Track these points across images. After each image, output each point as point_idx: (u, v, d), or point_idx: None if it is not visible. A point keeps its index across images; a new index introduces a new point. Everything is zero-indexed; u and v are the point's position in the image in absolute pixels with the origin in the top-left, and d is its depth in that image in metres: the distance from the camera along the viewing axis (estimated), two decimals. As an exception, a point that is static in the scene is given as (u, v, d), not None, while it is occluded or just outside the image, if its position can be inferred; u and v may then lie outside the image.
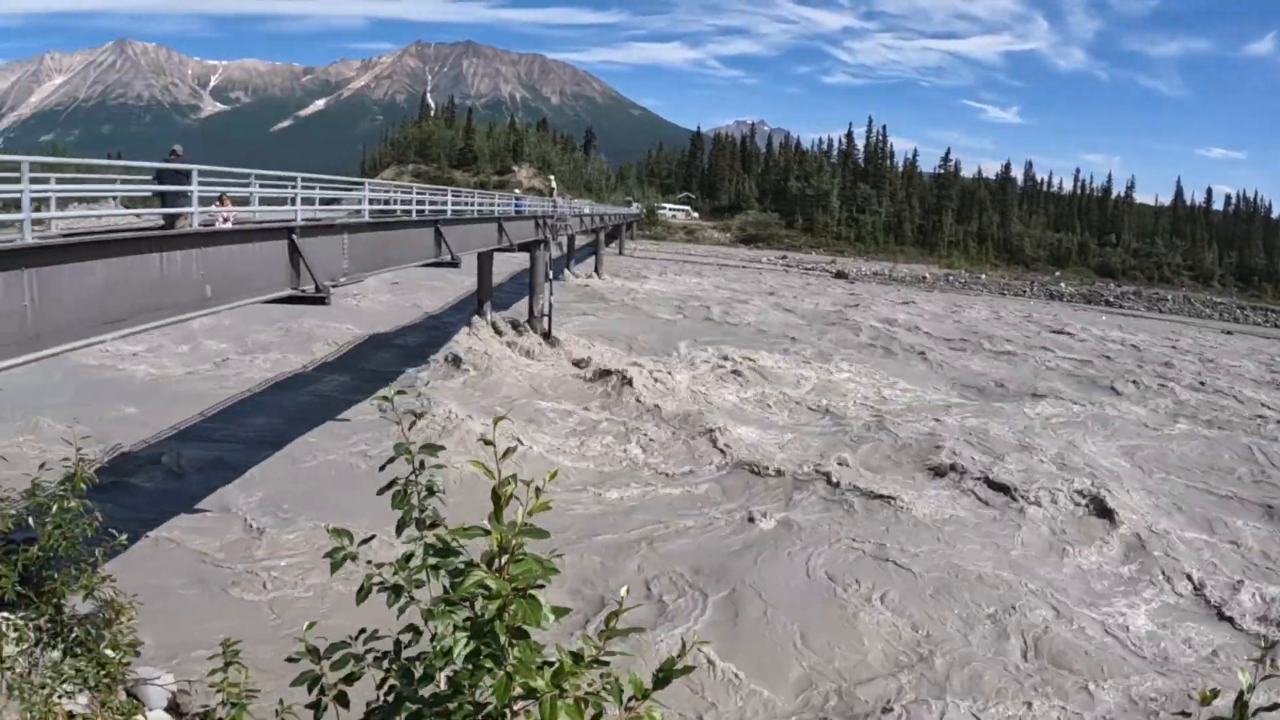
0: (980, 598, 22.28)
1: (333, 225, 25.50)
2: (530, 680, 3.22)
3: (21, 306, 13.52)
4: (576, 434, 34.05)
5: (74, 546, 7.24)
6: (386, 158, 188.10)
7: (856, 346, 63.78)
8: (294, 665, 3.99)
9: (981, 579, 23.40)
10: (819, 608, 21.51)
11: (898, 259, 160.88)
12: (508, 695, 3.21)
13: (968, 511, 28.95)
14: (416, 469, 3.85)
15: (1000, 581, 23.34)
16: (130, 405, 34.18)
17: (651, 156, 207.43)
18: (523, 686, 3.22)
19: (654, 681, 3.35)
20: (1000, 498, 30.03)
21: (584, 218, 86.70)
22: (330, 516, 23.88)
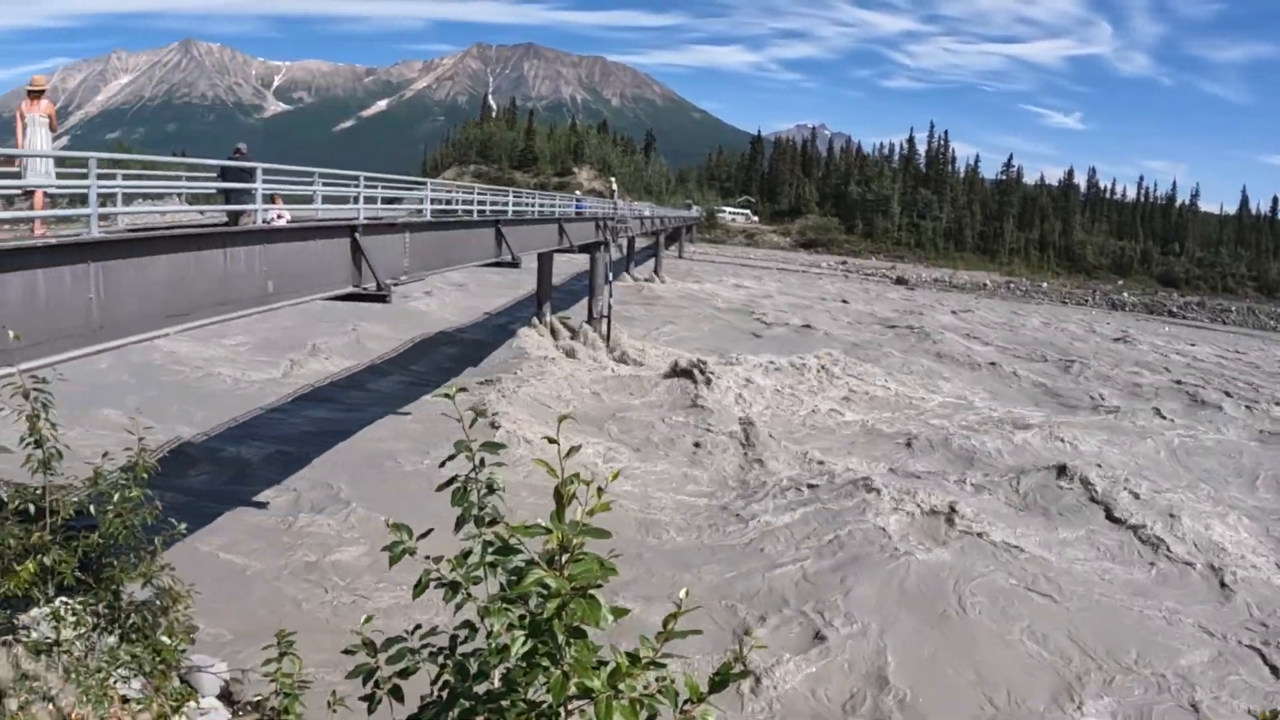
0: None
1: (394, 224, 25.63)
2: (586, 680, 3.21)
3: (86, 299, 13.70)
4: (636, 437, 33.97)
5: (134, 535, 7.31)
6: (448, 158, 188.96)
7: (930, 354, 62.57)
8: (344, 657, 3.98)
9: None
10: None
11: (958, 266, 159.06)
12: (563, 694, 3.20)
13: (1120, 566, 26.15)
14: (476, 466, 3.80)
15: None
16: (194, 398, 34.64)
17: (711, 160, 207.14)
18: (578, 686, 3.22)
19: (710, 685, 3.33)
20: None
21: (644, 220, 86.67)
22: (388, 511, 24.05)
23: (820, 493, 28.95)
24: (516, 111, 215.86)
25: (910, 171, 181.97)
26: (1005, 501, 30.46)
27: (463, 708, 3.60)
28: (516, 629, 3.33)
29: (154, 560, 7.47)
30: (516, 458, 25.94)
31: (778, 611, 21.26)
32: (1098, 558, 26.38)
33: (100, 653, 6.97)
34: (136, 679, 7.27)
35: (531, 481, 23.52)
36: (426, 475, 26.52)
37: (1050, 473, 32.19)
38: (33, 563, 6.81)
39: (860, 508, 27.50)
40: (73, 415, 28.92)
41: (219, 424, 31.51)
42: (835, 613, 21.07)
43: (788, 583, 22.78)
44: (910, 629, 20.78)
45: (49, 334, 12.97)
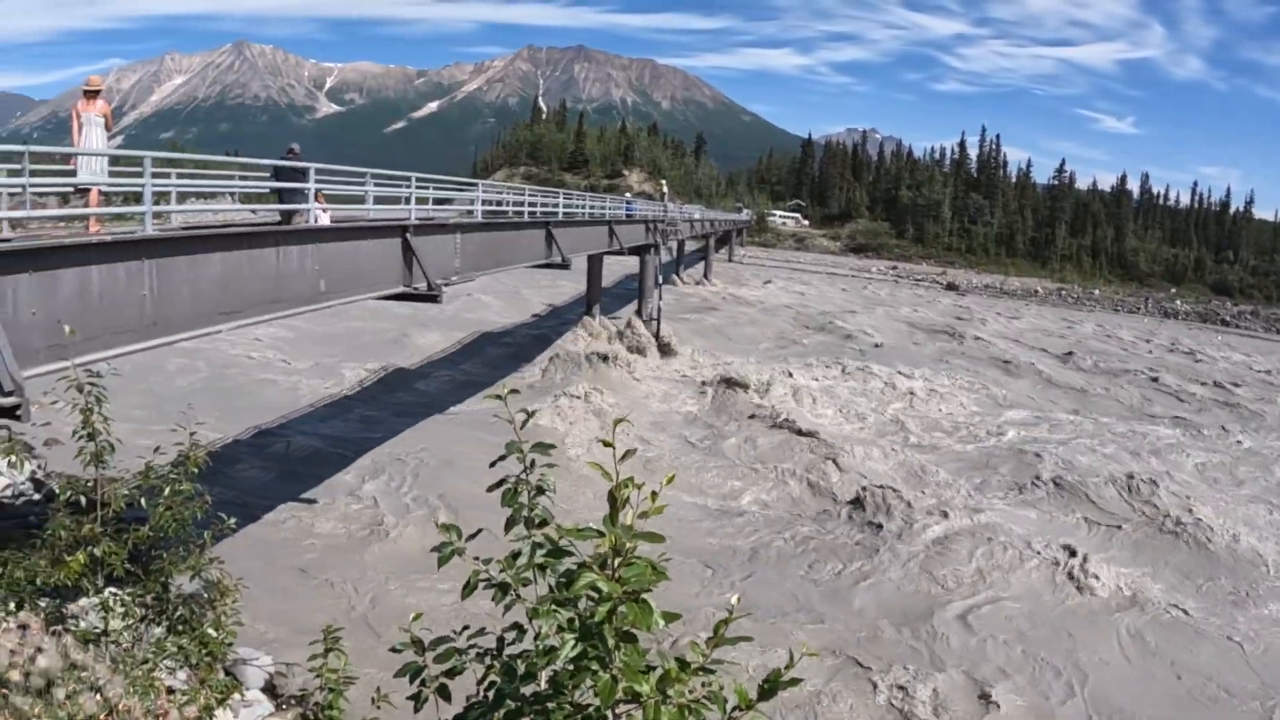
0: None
1: (446, 224, 25.72)
2: (635, 684, 3.19)
3: (140, 296, 13.83)
4: (685, 440, 33.88)
5: (183, 528, 7.36)
6: (498, 160, 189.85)
7: (989, 364, 61.23)
8: (387, 654, 3.97)
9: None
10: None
11: (1009, 272, 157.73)
12: (612, 698, 3.18)
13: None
14: (527, 467, 3.78)
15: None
16: (247, 394, 34.94)
17: (762, 163, 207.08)
18: (627, 691, 3.20)
19: (759, 693, 3.31)
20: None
21: (694, 223, 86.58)
22: (435, 510, 24.17)
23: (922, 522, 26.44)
24: (567, 114, 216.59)
25: (961, 176, 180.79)
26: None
27: (509, 709, 3.59)
28: (566, 632, 3.30)
29: (203, 554, 7.52)
30: (566, 459, 25.97)
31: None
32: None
33: (147, 644, 7.01)
34: (182, 670, 7.33)
35: (569, 489, 23.52)
36: (477, 475, 26.58)
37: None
38: (83, 554, 6.87)
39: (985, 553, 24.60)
40: (126, 406, 29.30)
41: (270, 420, 31.75)
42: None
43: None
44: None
45: (103, 329, 13.08)
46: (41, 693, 4.07)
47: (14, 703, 3.94)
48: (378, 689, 6.25)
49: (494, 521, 3.83)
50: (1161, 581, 24.58)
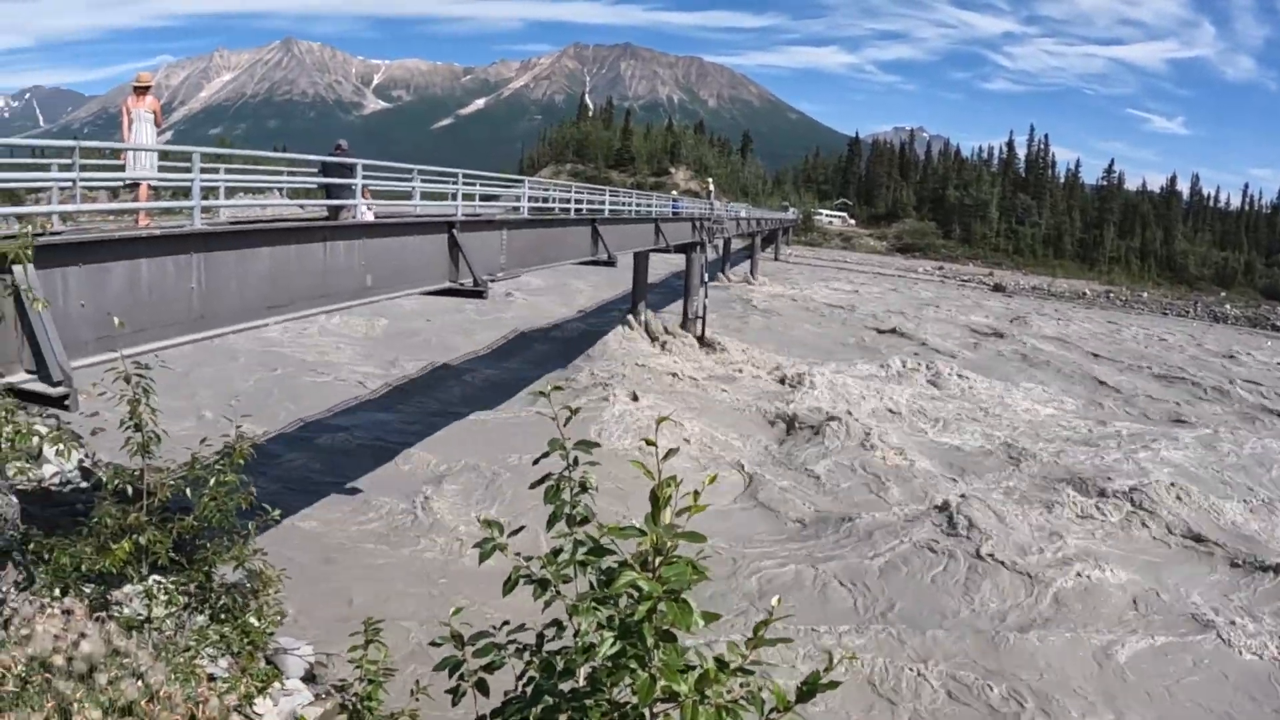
0: None
1: (492, 221, 25.81)
2: (674, 684, 3.18)
3: (188, 289, 13.96)
4: (730, 439, 33.81)
5: (228, 518, 7.41)
6: (544, 157, 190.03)
7: (1042, 367, 60.27)
8: (426, 647, 3.99)
9: None
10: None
11: (1056, 273, 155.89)
12: (650, 697, 3.17)
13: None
14: (570, 465, 3.77)
15: None
16: (295, 386, 35.19)
17: (808, 161, 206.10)
18: (665, 690, 3.18)
19: (797, 694, 3.30)
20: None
21: (740, 221, 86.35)
22: (477, 505, 24.25)
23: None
24: (613, 111, 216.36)
25: (1009, 176, 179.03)
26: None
27: (546, 705, 3.59)
28: (605, 629, 3.30)
29: (247, 544, 7.57)
30: (609, 452, 25.93)
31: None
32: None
33: (190, 632, 7.07)
34: (224, 658, 7.40)
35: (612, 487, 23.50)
36: (520, 471, 26.68)
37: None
38: (128, 542, 6.93)
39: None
40: (175, 398, 29.57)
41: (317, 413, 32.04)
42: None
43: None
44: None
45: (151, 322, 13.22)
46: (84, 678, 4.10)
47: (57, 686, 3.97)
48: (417, 681, 6.27)
49: (537, 518, 3.84)
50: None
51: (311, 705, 13.44)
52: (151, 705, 4.03)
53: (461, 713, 4.23)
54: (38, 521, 9.46)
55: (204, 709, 4.22)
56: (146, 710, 4.00)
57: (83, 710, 3.86)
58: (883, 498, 28.82)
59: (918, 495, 28.93)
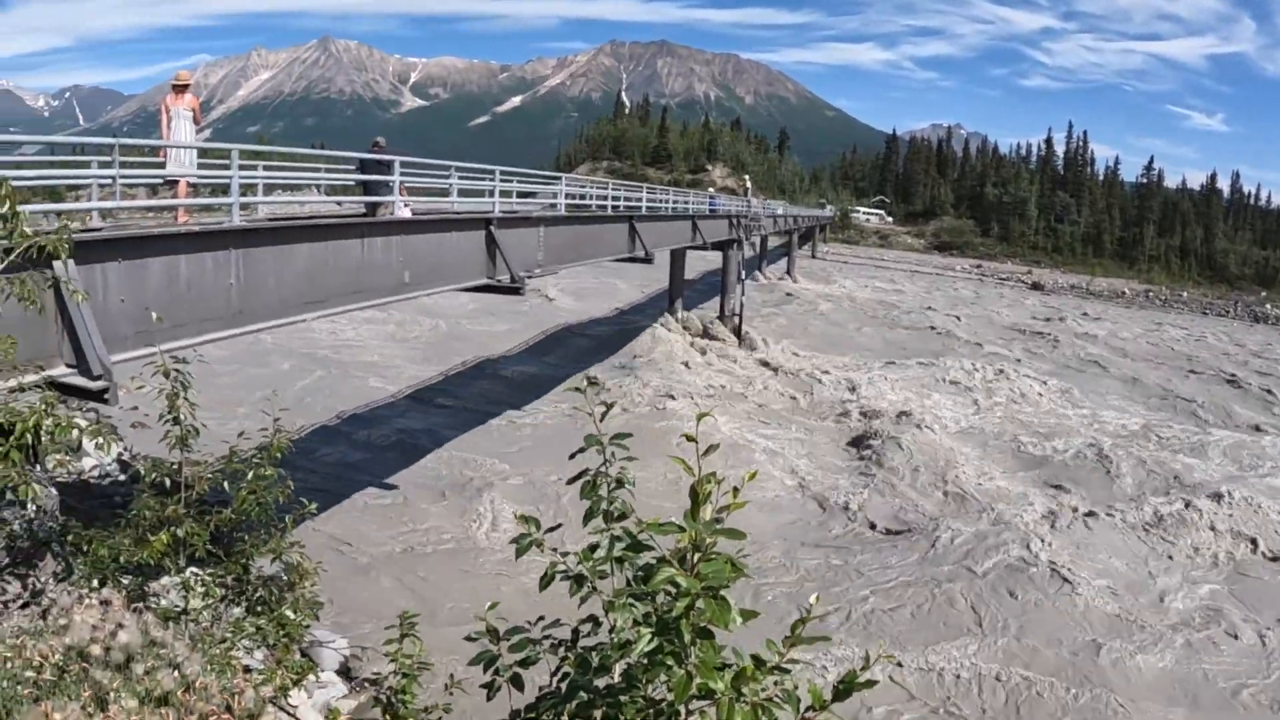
0: None
1: (529, 218, 25.86)
2: (710, 681, 3.16)
3: (227, 285, 14.07)
4: (766, 437, 33.65)
5: (265, 512, 7.45)
6: (581, 154, 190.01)
7: (1086, 366, 59.36)
8: (461, 641, 3.99)
9: None
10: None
11: (1095, 272, 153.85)
12: (686, 694, 3.15)
13: None
14: (607, 460, 3.75)
15: None
16: (332, 383, 35.33)
17: (845, 159, 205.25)
18: (701, 687, 3.17)
19: (833, 694, 3.27)
20: None
21: (777, 218, 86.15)
22: (512, 501, 24.26)
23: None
24: (650, 108, 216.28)
25: (1048, 174, 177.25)
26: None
27: (580, 701, 3.58)
28: (642, 626, 3.28)
29: (284, 537, 7.61)
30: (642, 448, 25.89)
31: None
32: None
33: (226, 623, 7.13)
34: (259, 650, 7.44)
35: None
36: (555, 466, 26.70)
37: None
38: (166, 534, 6.99)
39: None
40: (212, 392, 29.72)
41: (352, 407, 32.14)
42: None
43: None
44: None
45: (190, 317, 13.32)
46: (121, 667, 4.13)
47: (94, 676, 4.00)
48: (451, 675, 6.27)
49: (573, 514, 3.82)
50: None
51: (345, 698, 13.51)
52: (188, 696, 4.05)
53: (495, 707, 4.22)
54: (77, 513, 9.53)
55: (240, 700, 4.24)
56: (183, 700, 4.02)
57: (119, 700, 3.88)
58: (959, 509, 27.48)
59: (993, 509, 27.28)
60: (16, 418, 6.33)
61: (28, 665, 4.20)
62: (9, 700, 3.96)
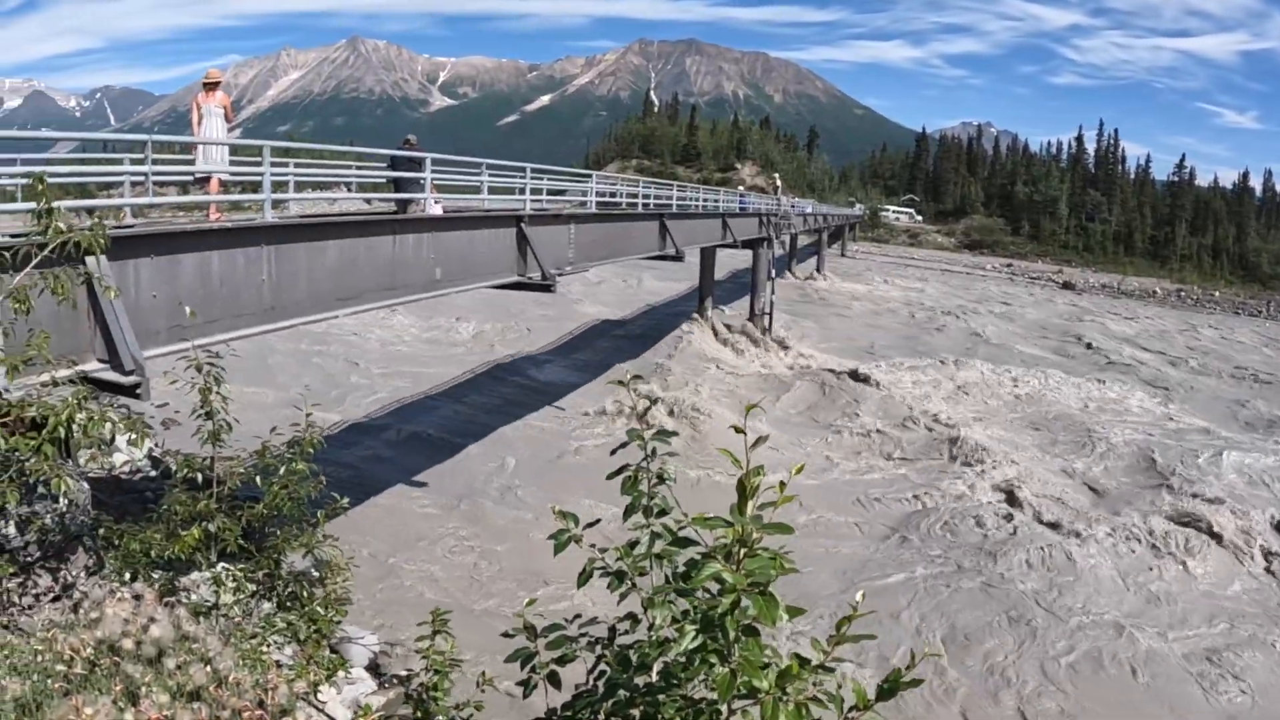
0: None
1: (560, 215, 25.90)
2: (754, 679, 3.10)
3: (259, 281, 14.11)
4: (801, 439, 33.49)
5: (297, 507, 7.46)
6: (610, 153, 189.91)
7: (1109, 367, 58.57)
8: (490, 639, 3.97)
9: None
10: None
11: (1126, 271, 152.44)
12: (730, 693, 3.09)
13: None
14: (648, 455, 3.70)
15: None
16: (361, 377, 35.46)
17: (875, 157, 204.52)
18: (745, 686, 3.11)
19: (878, 693, 3.23)
20: None
21: (807, 217, 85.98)
22: (547, 497, 24.28)
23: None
24: (679, 107, 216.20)
25: (1079, 172, 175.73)
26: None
27: (618, 700, 3.54)
28: (685, 623, 3.23)
29: (315, 532, 7.62)
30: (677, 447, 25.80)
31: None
32: None
33: (258, 618, 7.13)
34: (290, 645, 7.44)
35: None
36: (588, 463, 26.71)
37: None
38: (198, 529, 7.01)
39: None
40: (248, 387, 29.82)
41: (384, 403, 32.27)
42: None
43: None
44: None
45: (222, 313, 13.37)
46: (152, 662, 4.11)
47: (125, 670, 3.98)
48: (483, 672, 6.25)
49: (604, 510, 3.78)
50: None
51: (375, 694, 13.52)
52: (219, 690, 4.03)
53: (527, 705, 4.19)
54: (108, 508, 9.58)
55: (272, 695, 4.21)
56: (214, 695, 4.00)
57: (150, 694, 3.86)
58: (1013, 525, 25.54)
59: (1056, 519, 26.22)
60: (49, 412, 6.34)
61: (58, 659, 4.20)
62: (39, 694, 3.95)
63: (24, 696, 3.91)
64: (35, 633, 5.27)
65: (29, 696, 3.91)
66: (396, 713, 9.03)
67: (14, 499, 6.14)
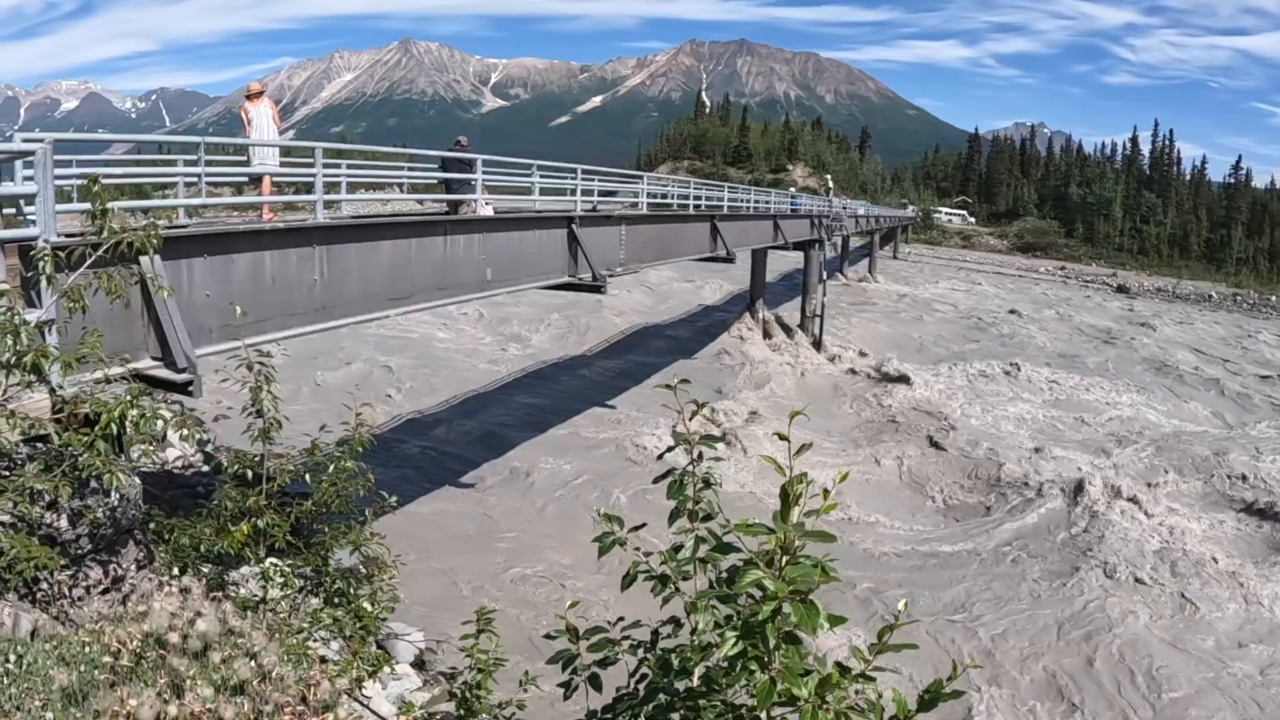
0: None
1: (610, 216, 25.93)
2: (794, 687, 3.09)
3: (311, 281, 14.22)
4: (846, 443, 33.27)
5: (346, 504, 7.53)
6: (662, 154, 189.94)
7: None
8: (528, 639, 3.98)
9: None
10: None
11: (1182, 275, 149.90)
12: (769, 700, 3.08)
13: None
14: (694, 460, 3.70)
15: None
16: (416, 377, 35.63)
17: (927, 158, 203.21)
18: (785, 693, 3.09)
19: (919, 704, 3.21)
20: None
21: (859, 219, 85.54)
22: (592, 500, 24.32)
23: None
24: (730, 108, 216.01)
25: (1133, 173, 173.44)
26: None
27: (659, 703, 3.54)
28: (726, 629, 3.22)
29: (364, 530, 7.68)
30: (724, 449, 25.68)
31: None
32: None
33: (304, 614, 7.20)
34: (335, 641, 7.52)
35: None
36: (637, 467, 26.72)
37: None
38: (247, 525, 7.10)
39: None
40: (298, 384, 30.05)
41: (435, 402, 32.41)
42: None
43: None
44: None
45: (275, 312, 13.49)
46: (198, 655, 4.16)
47: (171, 663, 4.03)
48: (525, 672, 6.29)
49: (650, 514, 3.78)
50: None
51: (419, 691, 13.60)
52: (264, 685, 4.07)
53: (567, 706, 4.20)
54: (159, 503, 9.68)
55: (315, 691, 4.24)
56: (258, 690, 4.04)
57: (195, 687, 3.90)
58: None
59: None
60: (103, 408, 6.43)
61: (106, 650, 4.26)
62: (86, 684, 4.01)
63: (71, 687, 3.96)
64: (84, 624, 5.35)
65: (76, 687, 3.97)
66: (440, 710, 9.07)
67: (66, 493, 6.22)
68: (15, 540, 5.74)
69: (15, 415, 6.43)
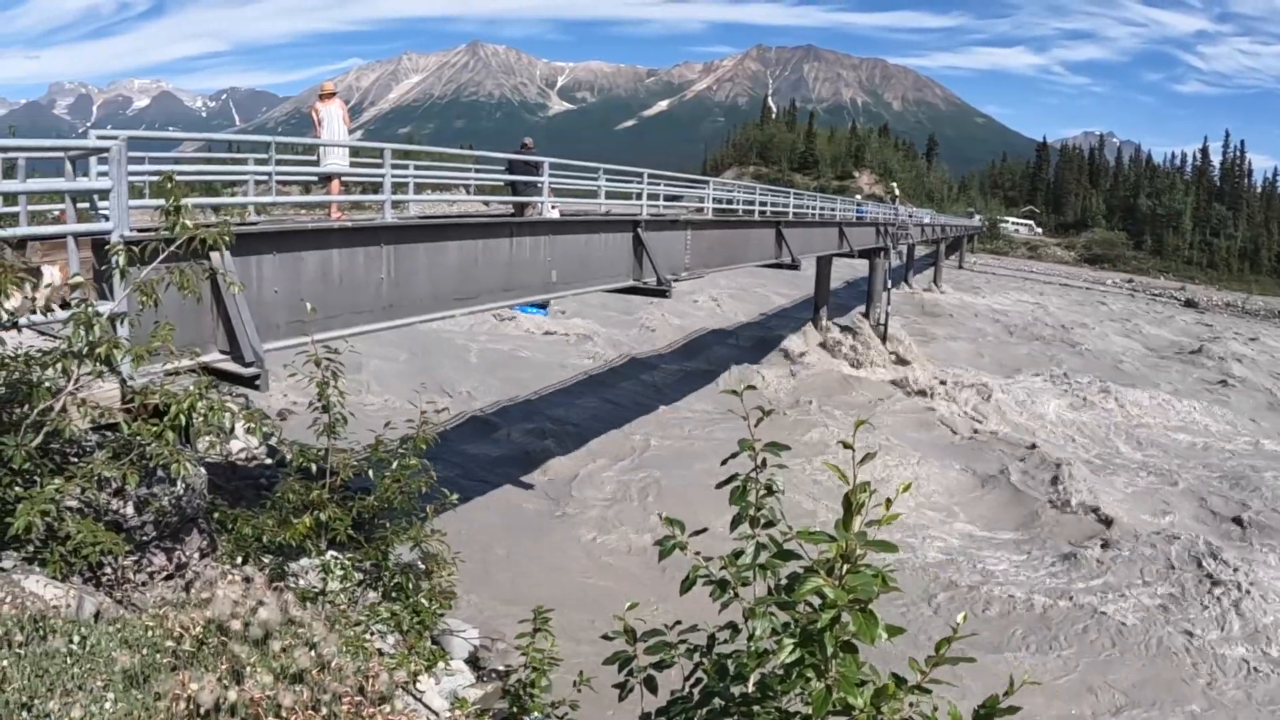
0: None
1: (676, 221, 25.96)
2: (850, 696, 3.09)
3: (378, 279, 14.37)
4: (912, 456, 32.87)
5: (408, 500, 7.61)
6: (728, 159, 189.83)
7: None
8: (583, 639, 4.01)
9: None
10: None
11: (1252, 290, 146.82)
12: (824, 709, 3.08)
13: None
14: (758, 466, 3.70)
15: None
16: (480, 377, 35.80)
17: (994, 167, 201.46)
18: (840, 702, 3.09)
19: (974, 718, 3.21)
20: None
21: (925, 227, 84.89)
22: (654, 503, 24.32)
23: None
24: (796, 113, 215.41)
25: (1203, 185, 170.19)
26: None
27: (713, 708, 3.55)
28: (784, 636, 3.23)
29: (424, 526, 7.76)
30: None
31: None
32: None
33: (363, 607, 7.29)
34: (393, 635, 7.60)
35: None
36: (699, 470, 26.69)
37: None
38: (309, 518, 7.20)
39: None
40: (361, 380, 30.19)
41: (499, 401, 32.57)
42: None
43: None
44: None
45: (342, 309, 13.64)
46: (258, 643, 4.23)
47: (232, 650, 4.10)
48: (580, 672, 6.32)
49: (704, 519, 3.78)
50: None
51: (473, 687, 13.70)
52: (322, 675, 4.12)
53: (622, 708, 4.22)
54: (224, 493, 9.84)
55: (373, 682, 4.29)
56: (317, 679, 4.09)
57: (255, 674, 3.96)
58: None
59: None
60: (171, 400, 6.56)
61: (168, 635, 4.33)
62: (148, 667, 4.07)
63: (133, 669, 4.03)
64: (147, 609, 5.44)
65: (138, 669, 4.04)
66: (493, 707, 9.14)
67: (134, 481, 6.35)
68: (82, 525, 5.87)
69: (86, 404, 6.56)
